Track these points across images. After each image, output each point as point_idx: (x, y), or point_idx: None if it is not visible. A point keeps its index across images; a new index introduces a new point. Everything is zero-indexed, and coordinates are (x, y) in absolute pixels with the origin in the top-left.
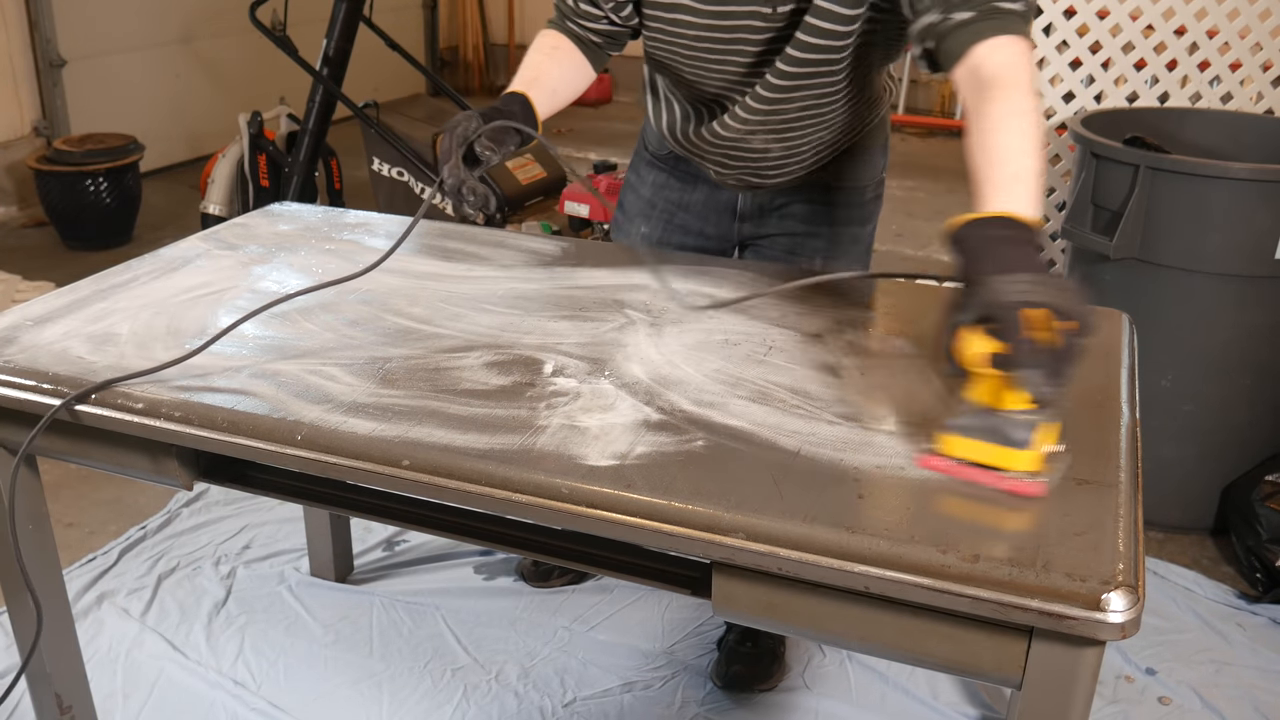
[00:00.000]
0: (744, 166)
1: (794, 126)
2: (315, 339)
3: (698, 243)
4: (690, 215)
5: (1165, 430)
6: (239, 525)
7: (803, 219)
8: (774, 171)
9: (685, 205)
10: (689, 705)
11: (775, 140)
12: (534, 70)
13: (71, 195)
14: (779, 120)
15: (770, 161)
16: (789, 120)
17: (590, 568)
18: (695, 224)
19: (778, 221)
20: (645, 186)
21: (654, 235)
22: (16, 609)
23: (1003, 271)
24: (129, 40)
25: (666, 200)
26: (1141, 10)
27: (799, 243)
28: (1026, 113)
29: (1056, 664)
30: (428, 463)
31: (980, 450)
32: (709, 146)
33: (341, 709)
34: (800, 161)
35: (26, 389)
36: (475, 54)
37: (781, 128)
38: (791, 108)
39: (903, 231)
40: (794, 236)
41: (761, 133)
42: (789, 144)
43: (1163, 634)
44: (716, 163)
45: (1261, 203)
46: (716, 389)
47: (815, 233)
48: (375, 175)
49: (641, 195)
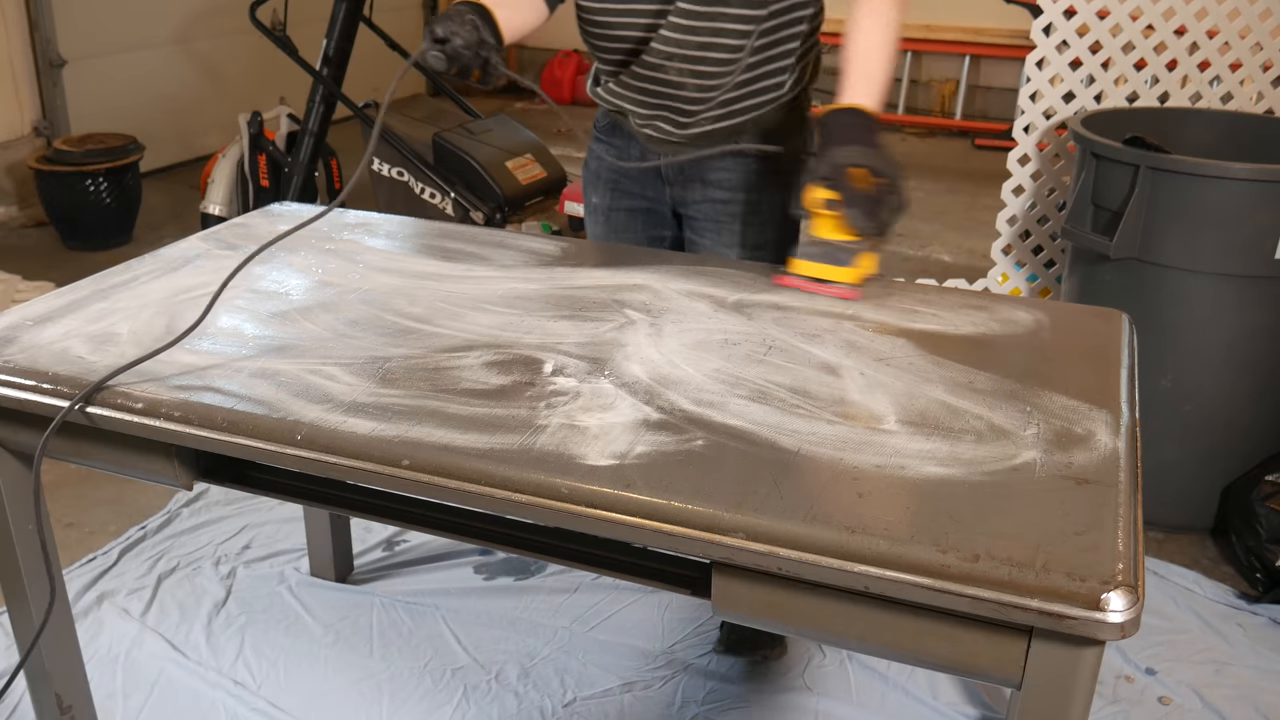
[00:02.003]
0: (661, 105)
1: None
2: (315, 339)
3: (642, 204)
4: (631, 181)
5: (1165, 430)
6: (239, 525)
7: (724, 185)
8: (688, 110)
9: (624, 171)
10: (689, 705)
11: (689, 71)
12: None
13: (71, 195)
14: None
15: (685, 99)
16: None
17: (590, 568)
18: (636, 188)
19: (701, 189)
20: (593, 160)
21: (604, 204)
22: (16, 609)
23: (841, 145)
24: (129, 40)
25: (609, 169)
26: (1141, 10)
27: (721, 209)
28: (888, 23)
29: (1056, 664)
30: (428, 463)
31: (817, 269)
32: (632, 91)
33: (341, 709)
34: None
35: (27, 389)
36: None
37: (696, 54)
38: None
39: (903, 231)
40: (716, 204)
41: (677, 60)
42: (701, 76)
43: (1163, 634)
44: (637, 107)
45: (1261, 203)
46: (716, 388)
47: (735, 199)
48: (375, 175)
49: (590, 169)
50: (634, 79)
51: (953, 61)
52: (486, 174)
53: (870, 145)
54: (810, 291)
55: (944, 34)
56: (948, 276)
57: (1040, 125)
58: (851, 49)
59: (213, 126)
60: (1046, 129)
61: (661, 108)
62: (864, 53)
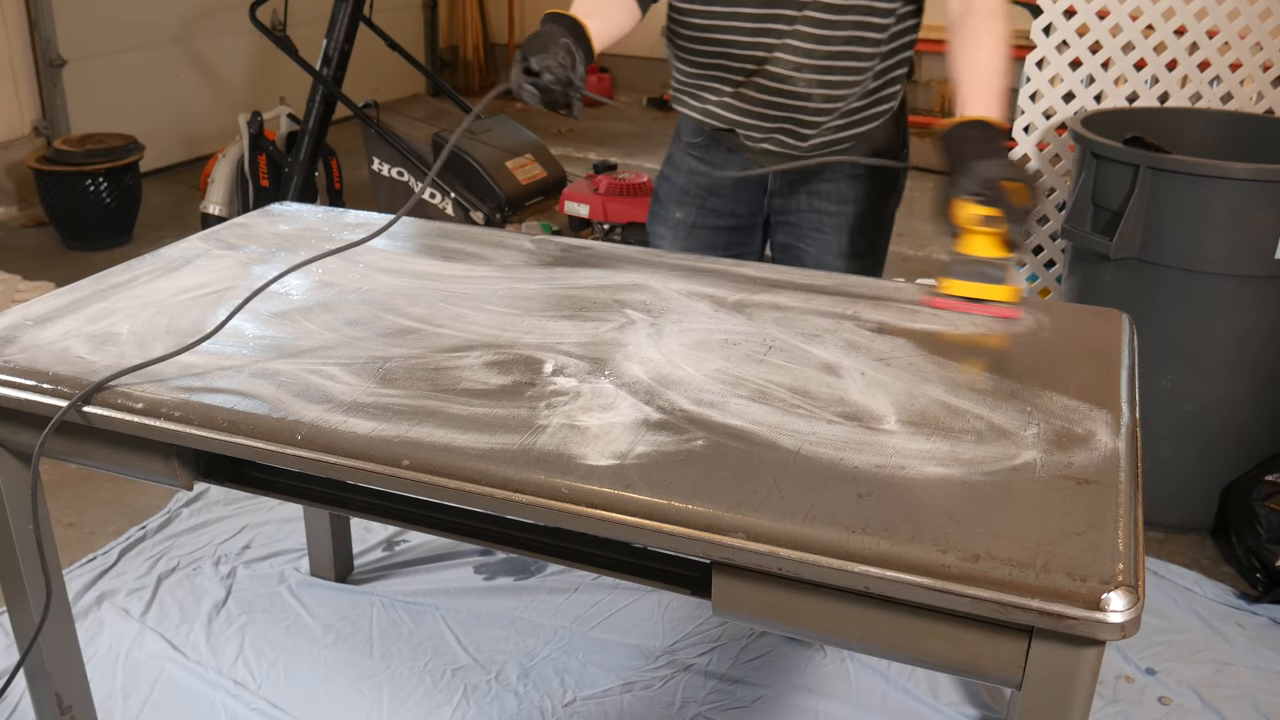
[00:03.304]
0: (784, 118)
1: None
2: (315, 339)
3: (729, 223)
4: (721, 199)
5: (1165, 430)
6: (239, 525)
7: (832, 197)
8: (812, 121)
9: (716, 189)
10: (689, 705)
11: (818, 82)
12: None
13: (71, 195)
14: (825, 53)
15: (810, 110)
16: (834, 53)
17: (590, 568)
18: (727, 206)
19: (806, 198)
20: (679, 174)
21: (688, 220)
22: (17, 609)
23: (983, 158)
24: (129, 40)
25: (699, 186)
26: (1141, 10)
27: (824, 220)
28: (1001, 36)
29: (1056, 664)
30: (428, 462)
31: (974, 289)
32: (749, 104)
33: (341, 709)
34: (836, 109)
35: (27, 389)
36: (475, 54)
37: (826, 62)
38: (838, 36)
39: (903, 231)
40: (822, 214)
41: (808, 70)
42: (830, 86)
43: (1163, 634)
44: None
45: (1261, 203)
46: (716, 388)
47: (841, 210)
48: (375, 175)
49: (675, 183)
50: (755, 91)
51: None
52: (486, 174)
53: (1005, 158)
54: (966, 312)
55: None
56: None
57: (1040, 125)
58: (967, 61)
59: (213, 126)
60: (1046, 129)
61: (784, 120)
62: (981, 65)
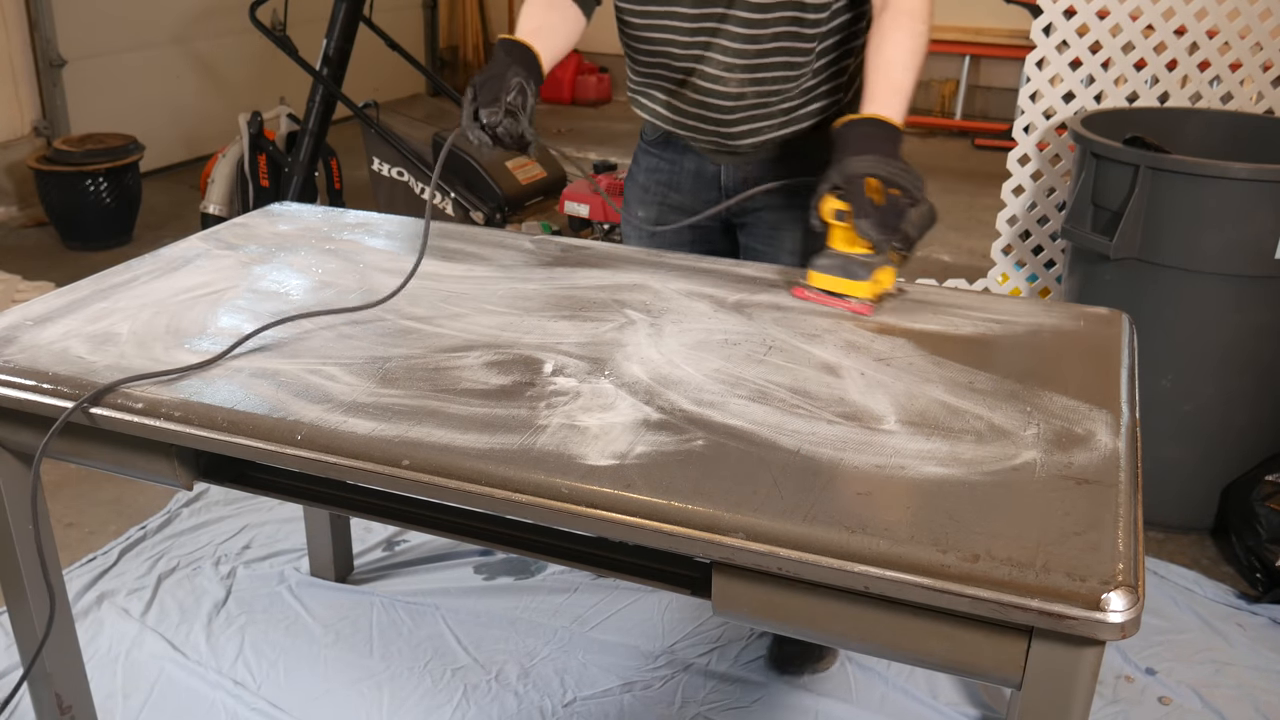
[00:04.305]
0: (719, 120)
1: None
2: (315, 338)
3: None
4: (681, 194)
5: (1165, 430)
6: (239, 525)
7: (781, 194)
8: (744, 122)
9: (676, 185)
10: (689, 705)
11: (749, 80)
12: (536, 20)
13: (71, 195)
14: (754, 52)
15: (745, 109)
16: (764, 50)
17: (590, 568)
18: (687, 202)
19: (763, 197)
20: (640, 173)
21: (650, 217)
22: (17, 609)
23: (856, 155)
24: (129, 40)
25: (658, 183)
26: (1141, 10)
27: (784, 216)
28: (917, 34)
29: (1056, 664)
30: (428, 463)
31: (832, 282)
32: (689, 104)
33: (341, 709)
34: (770, 111)
35: (27, 389)
36: (475, 54)
37: (756, 60)
38: (766, 34)
39: None
40: (775, 210)
41: (739, 70)
42: (762, 84)
43: (1163, 634)
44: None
45: (1261, 203)
46: (716, 388)
47: (796, 204)
48: (375, 175)
49: (638, 182)
50: (692, 92)
51: (953, 61)
52: (486, 174)
53: (888, 156)
54: (823, 304)
55: (944, 34)
56: (948, 276)
57: (1040, 125)
58: (876, 59)
59: (213, 126)
60: (1046, 129)
61: (720, 121)
62: (889, 63)
